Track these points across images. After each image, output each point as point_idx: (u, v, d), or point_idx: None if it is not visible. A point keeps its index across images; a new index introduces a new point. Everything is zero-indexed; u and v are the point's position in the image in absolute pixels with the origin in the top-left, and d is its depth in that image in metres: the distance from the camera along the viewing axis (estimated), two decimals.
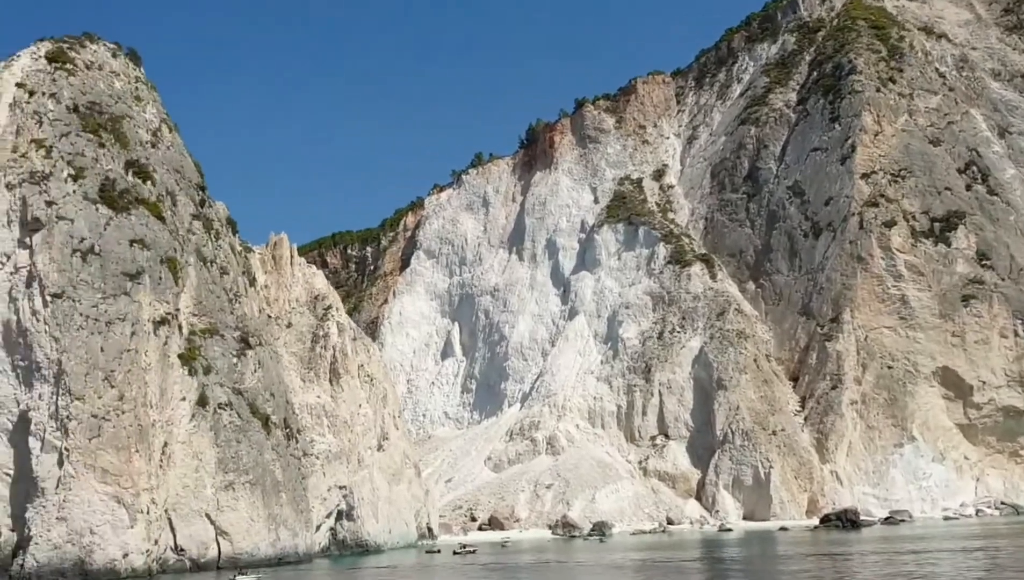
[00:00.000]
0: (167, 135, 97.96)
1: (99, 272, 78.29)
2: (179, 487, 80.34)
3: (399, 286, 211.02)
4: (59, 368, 73.45)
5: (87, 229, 79.46)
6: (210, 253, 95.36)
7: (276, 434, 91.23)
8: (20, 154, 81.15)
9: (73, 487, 70.69)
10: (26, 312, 75.52)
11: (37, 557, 69.50)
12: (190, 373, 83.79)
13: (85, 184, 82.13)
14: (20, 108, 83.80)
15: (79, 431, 71.89)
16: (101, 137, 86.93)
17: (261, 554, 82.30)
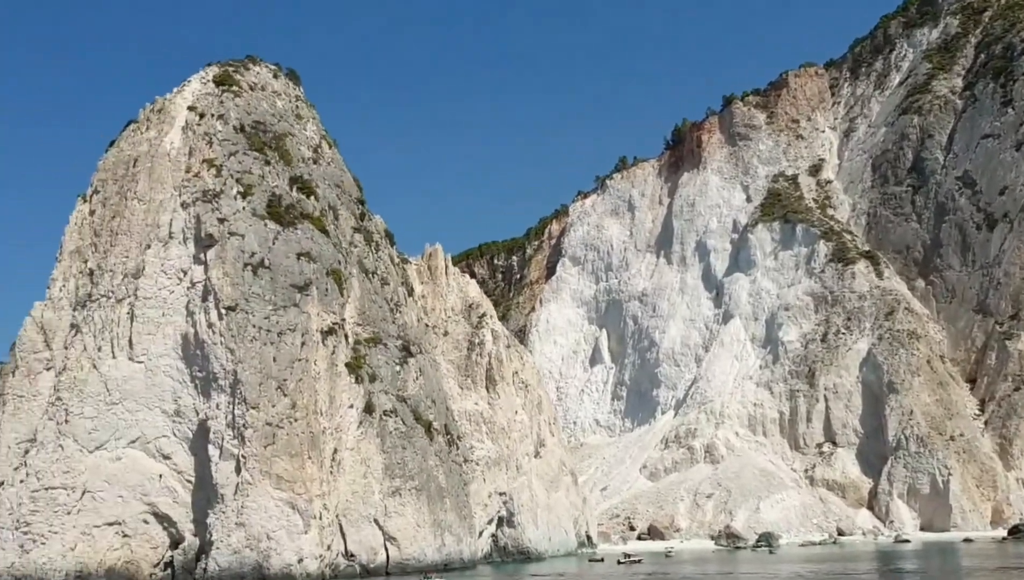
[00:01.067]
0: (327, 151, 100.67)
1: (269, 285, 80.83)
2: (348, 493, 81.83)
3: (545, 294, 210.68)
4: (235, 378, 76.10)
5: (257, 244, 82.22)
6: (371, 265, 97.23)
7: (438, 440, 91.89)
8: (193, 174, 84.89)
9: (250, 493, 72.95)
10: (203, 325, 78.71)
11: (218, 561, 72.02)
12: (357, 381, 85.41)
13: (253, 201, 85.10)
14: (192, 130, 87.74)
15: (255, 439, 74.20)
16: (266, 155, 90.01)
17: (428, 559, 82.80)
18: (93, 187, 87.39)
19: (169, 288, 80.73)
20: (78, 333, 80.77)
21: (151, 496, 77.11)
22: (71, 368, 79.32)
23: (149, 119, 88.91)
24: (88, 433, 76.94)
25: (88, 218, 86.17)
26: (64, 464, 75.91)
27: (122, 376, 78.52)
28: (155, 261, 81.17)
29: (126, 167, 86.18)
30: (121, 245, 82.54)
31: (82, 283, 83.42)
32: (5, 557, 72.94)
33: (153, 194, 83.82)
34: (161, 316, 79.81)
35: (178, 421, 78.50)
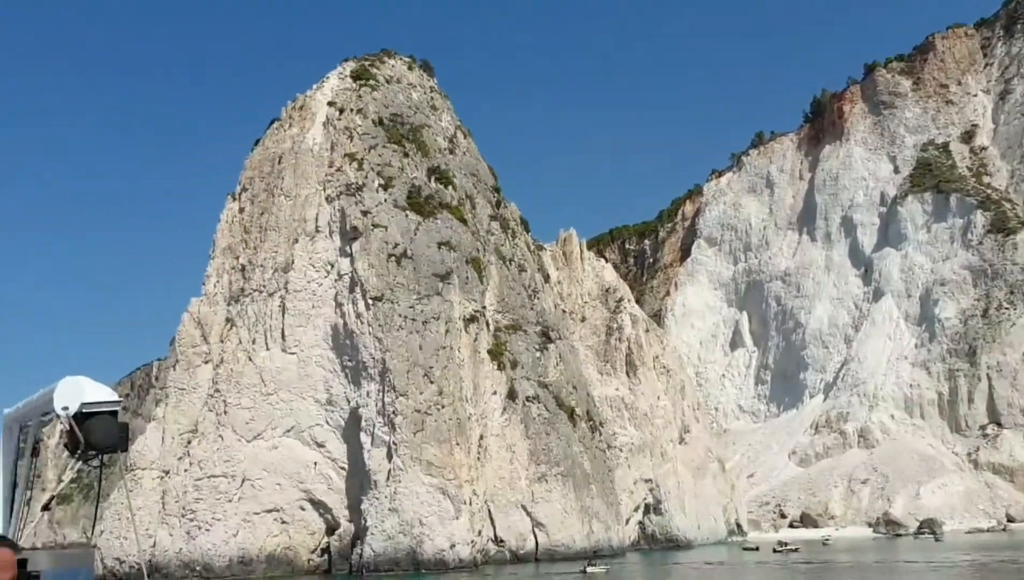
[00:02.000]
0: (462, 141, 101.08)
1: (413, 274, 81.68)
2: (495, 479, 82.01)
3: (681, 277, 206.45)
4: (383, 366, 77.24)
5: (399, 235, 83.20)
6: (508, 252, 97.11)
7: (581, 426, 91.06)
8: (336, 169, 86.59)
9: (402, 479, 73.90)
10: (351, 316, 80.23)
11: (373, 547, 73.31)
12: (499, 367, 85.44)
13: (394, 192, 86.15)
14: (332, 125, 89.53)
15: (404, 426, 75.12)
16: (405, 147, 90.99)
17: (576, 546, 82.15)
18: (241, 185, 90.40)
19: (317, 281, 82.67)
20: (233, 327, 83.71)
21: (307, 483, 79.26)
22: (228, 361, 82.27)
23: (291, 116, 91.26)
24: (246, 423, 79.65)
25: (238, 216, 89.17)
26: (224, 453, 78.83)
27: (276, 367, 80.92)
28: (303, 255, 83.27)
29: (272, 164, 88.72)
30: (270, 240, 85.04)
31: (235, 278, 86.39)
32: (173, 543, 76.36)
33: (298, 190, 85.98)
34: (311, 308, 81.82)
35: (330, 410, 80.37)
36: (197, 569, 74.94)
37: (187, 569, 74.88)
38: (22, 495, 7.27)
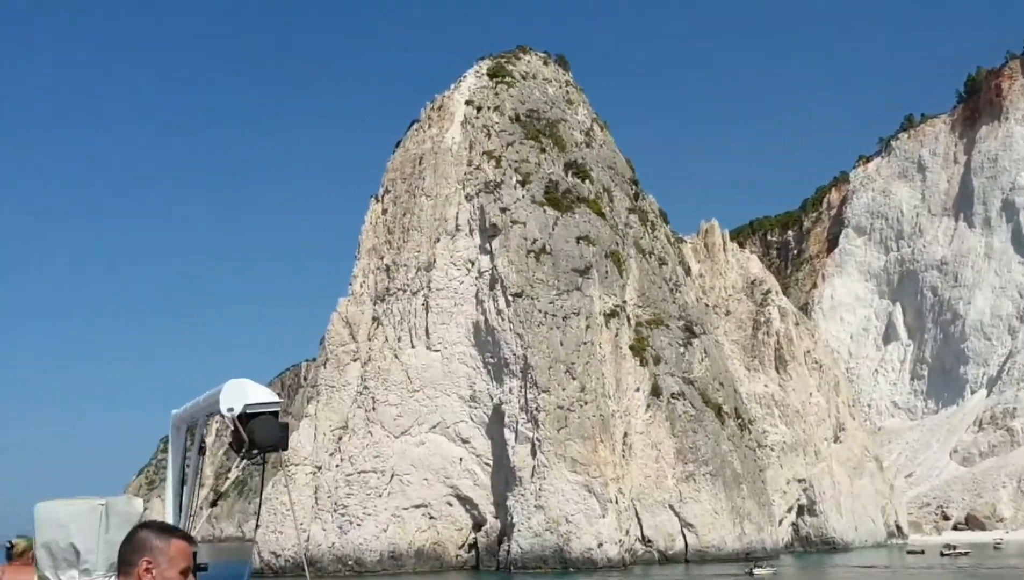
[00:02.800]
0: (599, 134, 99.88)
1: (552, 270, 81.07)
2: (641, 477, 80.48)
3: (828, 269, 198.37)
4: (525, 363, 76.93)
5: (538, 230, 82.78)
6: (648, 245, 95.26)
7: (730, 424, 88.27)
8: (474, 167, 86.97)
9: (547, 476, 73.35)
10: (492, 312, 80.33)
11: (520, 544, 73.04)
12: (641, 363, 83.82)
13: (532, 188, 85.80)
14: (471, 124, 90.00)
15: (548, 422, 74.55)
16: (541, 142, 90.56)
17: (728, 548, 79.67)
18: (384, 187, 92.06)
19: (459, 278, 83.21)
20: (379, 325, 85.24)
21: (453, 479, 79.81)
22: (375, 358, 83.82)
23: (430, 117, 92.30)
24: (393, 419, 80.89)
25: (381, 217, 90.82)
26: (373, 449, 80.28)
27: (421, 364, 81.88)
28: (444, 253, 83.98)
29: (413, 165, 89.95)
30: (413, 240, 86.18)
31: (380, 278, 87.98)
32: (326, 537, 78.27)
33: (439, 189, 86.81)
34: (453, 306, 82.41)
35: (474, 406, 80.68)
36: (349, 563, 76.58)
37: (340, 563, 76.61)
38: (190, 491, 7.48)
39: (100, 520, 6.76)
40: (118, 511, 6.85)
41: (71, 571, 6.71)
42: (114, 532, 6.58)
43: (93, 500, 6.91)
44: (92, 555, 6.73)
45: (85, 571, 6.70)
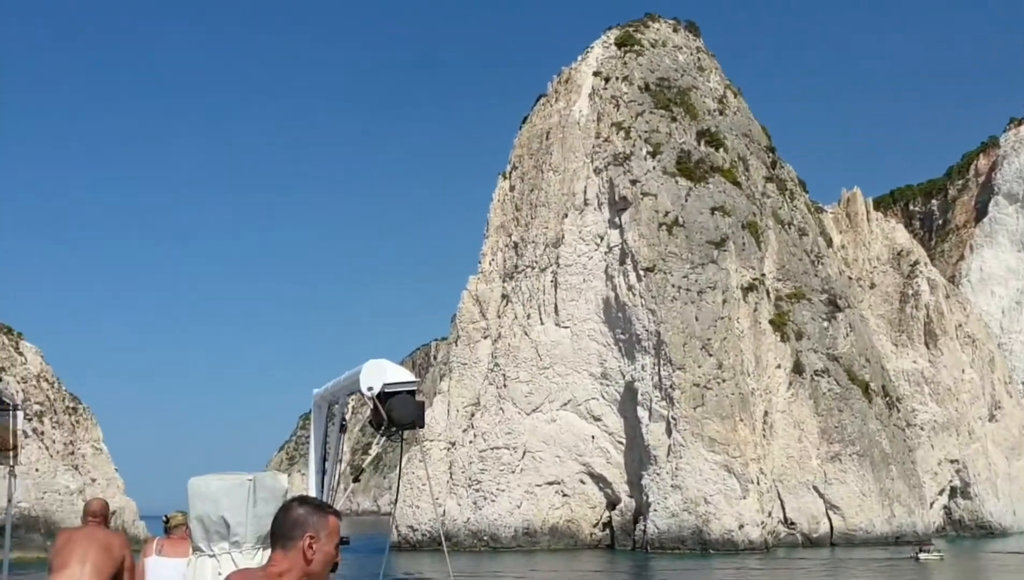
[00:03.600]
0: (732, 101, 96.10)
1: (685, 243, 78.49)
2: (783, 458, 77.41)
3: (976, 239, 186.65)
4: (658, 339, 74.84)
5: (670, 202, 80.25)
6: (787, 215, 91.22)
7: (877, 402, 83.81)
8: (603, 139, 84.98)
9: (684, 455, 71.29)
10: (622, 288, 78.45)
11: (657, 524, 71.35)
12: (782, 339, 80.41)
13: (663, 159, 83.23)
14: (599, 95, 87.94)
15: (683, 400, 72.36)
16: (672, 111, 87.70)
17: (876, 531, 75.88)
18: (511, 163, 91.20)
19: (588, 254, 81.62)
20: (509, 303, 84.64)
21: (585, 457, 78.65)
22: (505, 336, 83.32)
23: (557, 90, 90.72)
24: (524, 396, 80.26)
25: (509, 194, 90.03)
26: (506, 426, 79.91)
27: (551, 341, 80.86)
28: (573, 229, 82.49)
29: (540, 140, 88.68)
30: (540, 216, 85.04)
31: (508, 256, 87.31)
32: (461, 512, 78.52)
33: (567, 164, 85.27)
34: (582, 282, 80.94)
35: (605, 383, 79.18)
36: (484, 539, 76.59)
37: (475, 539, 76.73)
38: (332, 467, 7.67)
39: (248, 495, 6.97)
40: (265, 486, 7.08)
41: (222, 543, 6.98)
42: (261, 507, 6.94)
43: (242, 476, 7.12)
44: (241, 528, 6.97)
45: (235, 543, 6.96)
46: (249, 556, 6.94)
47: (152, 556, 8.91)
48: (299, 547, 3.69)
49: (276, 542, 3.79)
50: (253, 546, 6.98)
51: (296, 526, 3.73)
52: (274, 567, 3.71)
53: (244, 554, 6.93)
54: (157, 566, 8.80)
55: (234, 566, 6.61)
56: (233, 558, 6.90)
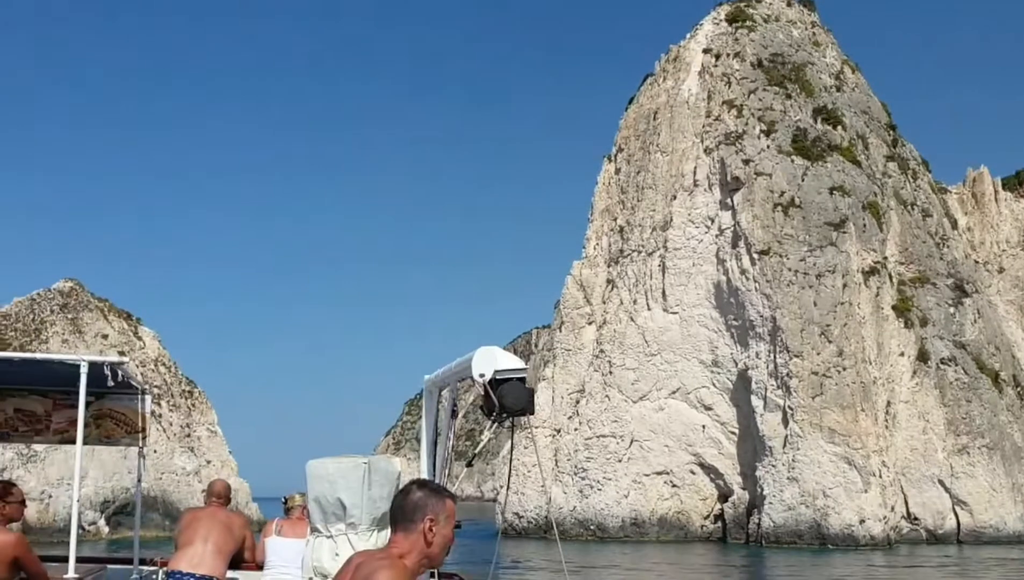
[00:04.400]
0: (850, 76, 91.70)
1: (802, 224, 75.15)
2: (907, 450, 73.56)
3: None
4: (773, 325, 71.92)
5: (785, 182, 76.97)
6: (909, 195, 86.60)
7: (1008, 393, 78.94)
8: (714, 118, 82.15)
9: (801, 446, 68.36)
10: (735, 272, 75.70)
11: (772, 518, 68.71)
12: (906, 325, 76.33)
13: (778, 137, 79.93)
14: (708, 73, 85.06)
15: (801, 389, 69.34)
16: (787, 88, 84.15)
17: (1008, 529, 71.46)
18: (617, 146, 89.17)
19: (697, 237, 79.07)
20: (614, 288, 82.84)
21: (696, 447, 76.37)
22: (610, 322, 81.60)
23: (665, 69, 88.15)
24: (631, 384, 78.43)
25: (614, 177, 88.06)
26: (612, 414, 78.27)
27: (658, 327, 78.75)
28: (682, 211, 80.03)
29: (647, 121, 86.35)
30: (647, 199, 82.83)
31: (614, 240, 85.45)
32: (567, 501, 77.34)
33: (675, 144, 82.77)
34: (692, 266, 78.48)
35: (716, 371, 76.64)
36: (591, 528, 75.25)
37: (582, 527, 75.47)
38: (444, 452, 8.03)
39: (364, 477, 7.05)
40: (379, 469, 7.16)
41: (339, 524, 7.11)
42: (376, 489, 7.06)
43: (357, 458, 7.23)
44: (357, 510, 7.06)
45: (351, 525, 7.08)
46: (365, 537, 7.05)
47: (272, 536, 9.05)
48: (419, 529, 3.72)
49: (396, 524, 3.80)
50: (368, 527, 7.09)
51: (416, 509, 3.76)
52: (395, 548, 3.72)
53: (360, 535, 7.05)
54: (276, 546, 8.95)
55: (350, 547, 6.82)
56: (350, 539, 7.05)
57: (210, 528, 9.02)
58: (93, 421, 9.99)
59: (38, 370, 9.58)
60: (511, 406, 6.28)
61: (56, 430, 10.19)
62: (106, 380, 8.89)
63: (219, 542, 8.95)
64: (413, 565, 3.70)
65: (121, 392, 9.95)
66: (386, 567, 3.62)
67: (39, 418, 10.12)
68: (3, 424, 10.10)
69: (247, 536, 9.45)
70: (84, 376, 8.57)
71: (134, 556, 10.46)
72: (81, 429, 8.83)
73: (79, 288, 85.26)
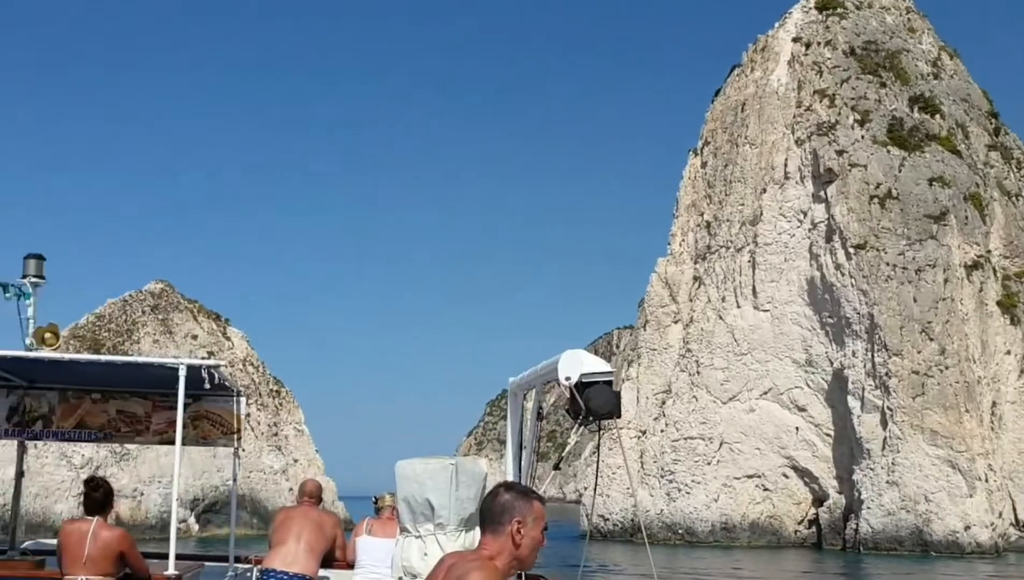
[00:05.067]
0: (948, 63, 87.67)
1: (900, 217, 72.00)
2: (1014, 453, 69.92)
3: None
4: (871, 322, 69.03)
5: (882, 173, 73.88)
6: (1013, 186, 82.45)
7: None
8: (805, 108, 79.41)
9: (901, 449, 65.38)
10: (829, 267, 72.96)
11: (871, 523, 65.92)
12: (1012, 322, 72.57)
13: (872, 127, 76.81)
14: (799, 63, 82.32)
15: (901, 389, 66.33)
16: (881, 76, 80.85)
17: None
18: (703, 139, 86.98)
19: (789, 231, 76.47)
20: (701, 285, 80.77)
21: (788, 450, 73.83)
22: (697, 320, 79.57)
23: (753, 60, 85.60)
24: (720, 384, 76.27)
25: (700, 171, 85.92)
26: (699, 415, 76.26)
27: (748, 326, 76.42)
28: (772, 205, 77.52)
29: (734, 113, 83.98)
30: (736, 193, 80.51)
31: (700, 236, 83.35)
32: (654, 504, 75.64)
33: (764, 136, 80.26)
34: (783, 261, 75.93)
35: (810, 371, 73.96)
36: (679, 532, 73.41)
37: (669, 531, 73.68)
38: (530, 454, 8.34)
39: (451, 478, 7.12)
40: (466, 470, 7.25)
41: (427, 524, 7.17)
42: (463, 490, 7.12)
43: (445, 460, 7.33)
44: (445, 510, 7.11)
45: (439, 525, 7.12)
46: (453, 538, 7.11)
47: (363, 535, 9.20)
48: (507, 531, 3.73)
49: (486, 527, 3.82)
50: (456, 528, 7.16)
51: (504, 511, 3.77)
52: (485, 550, 3.74)
53: (448, 535, 7.11)
54: (367, 545, 9.07)
55: (439, 547, 6.90)
56: (438, 539, 7.10)
57: (303, 527, 9.20)
58: (191, 422, 10.43)
59: (139, 373, 10.23)
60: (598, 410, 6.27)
61: (156, 431, 10.73)
62: (203, 383, 9.15)
63: (311, 541, 9.13)
64: (504, 567, 3.72)
65: (217, 394, 10.29)
66: (477, 568, 3.64)
67: (140, 419, 10.67)
68: (106, 425, 10.58)
69: (338, 535, 9.59)
70: (183, 379, 8.87)
71: (229, 554, 10.79)
72: (180, 430, 9.21)
73: (169, 289, 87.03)
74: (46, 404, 10.45)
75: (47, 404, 10.46)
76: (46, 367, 9.44)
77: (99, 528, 7.99)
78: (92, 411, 10.54)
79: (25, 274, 9.98)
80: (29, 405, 10.45)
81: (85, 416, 10.55)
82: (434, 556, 6.75)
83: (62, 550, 8.09)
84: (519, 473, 8.13)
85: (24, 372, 10.02)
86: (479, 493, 7.26)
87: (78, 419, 10.53)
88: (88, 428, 10.60)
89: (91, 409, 10.54)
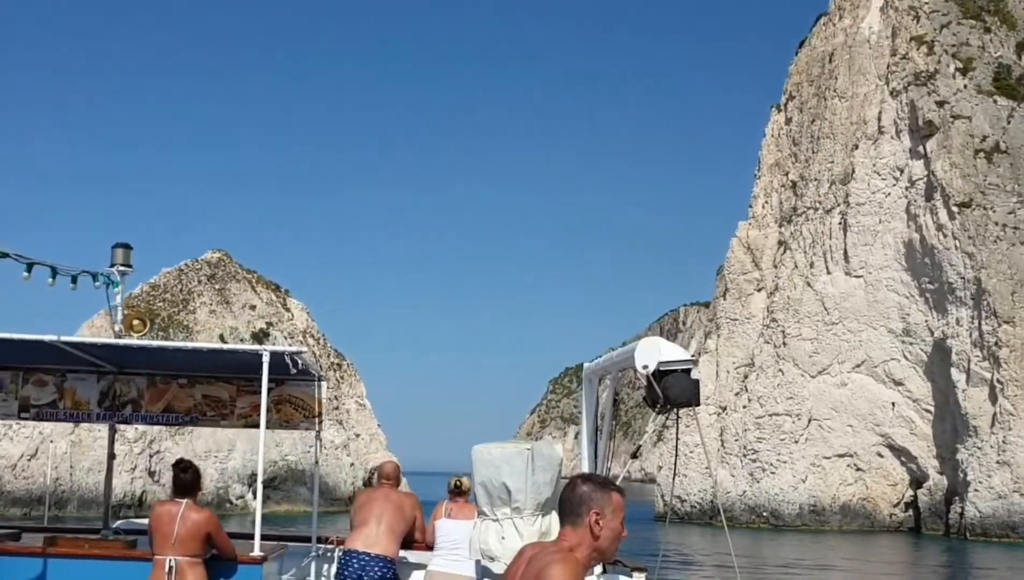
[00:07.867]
0: None
1: (1010, 172, 65.45)
2: None
3: None
4: (977, 288, 62.82)
5: (988, 125, 67.30)
6: None
7: None
8: (900, 56, 72.97)
9: (1013, 426, 59.32)
10: (929, 228, 66.77)
11: (978, 507, 60.05)
12: None
13: (976, 76, 70.10)
14: (892, 8, 75.80)
15: (1012, 360, 60.18)
16: (985, 21, 73.97)
17: None
18: (787, 94, 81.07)
19: (884, 190, 70.37)
20: (786, 250, 75.22)
21: (884, 427, 68.16)
22: (783, 287, 74.12)
23: (841, 7, 79.20)
24: (808, 357, 70.84)
25: (784, 128, 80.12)
26: (786, 390, 71.03)
27: (839, 293, 70.73)
28: (865, 162, 71.45)
29: (821, 65, 77.88)
30: (824, 150, 74.58)
31: (785, 197, 77.72)
32: (736, 484, 70.81)
33: (855, 88, 74.08)
34: (878, 223, 69.95)
35: (908, 341, 68.03)
36: (764, 514, 68.46)
37: (752, 514, 68.83)
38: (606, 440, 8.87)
39: (528, 463, 7.28)
40: (542, 455, 7.39)
41: (504, 508, 7.41)
42: (539, 475, 7.34)
43: (521, 444, 7.61)
44: (521, 495, 7.28)
45: (516, 509, 7.34)
46: (529, 522, 7.24)
47: (442, 519, 9.43)
48: (586, 523, 3.76)
49: (565, 518, 3.83)
50: (532, 512, 7.24)
51: (582, 503, 3.80)
52: (565, 542, 3.77)
53: (525, 519, 7.24)
54: (446, 527, 9.27)
55: (516, 531, 7.18)
56: (515, 523, 7.26)
57: (383, 509, 9.34)
58: (274, 406, 10.62)
59: (224, 359, 10.45)
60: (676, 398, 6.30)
61: (240, 415, 10.93)
62: (287, 368, 9.26)
63: (392, 523, 9.28)
64: (584, 558, 3.70)
65: (299, 379, 10.41)
66: (559, 560, 3.62)
67: (224, 403, 10.90)
68: (192, 409, 10.86)
69: (418, 517, 9.66)
70: (266, 365, 9.01)
71: (312, 534, 10.86)
72: (264, 414, 9.47)
73: (227, 259, 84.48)
74: (135, 389, 10.81)
75: (136, 389, 10.82)
76: (135, 353, 9.76)
77: (188, 510, 8.27)
78: (179, 395, 10.87)
79: (113, 263, 10.69)
80: (119, 390, 10.78)
81: (172, 400, 10.88)
82: (511, 539, 7.13)
83: (152, 531, 8.29)
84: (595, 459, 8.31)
85: (114, 358, 10.29)
86: (555, 477, 7.36)
87: (166, 403, 10.88)
88: (175, 412, 10.92)
89: (178, 393, 10.87)
